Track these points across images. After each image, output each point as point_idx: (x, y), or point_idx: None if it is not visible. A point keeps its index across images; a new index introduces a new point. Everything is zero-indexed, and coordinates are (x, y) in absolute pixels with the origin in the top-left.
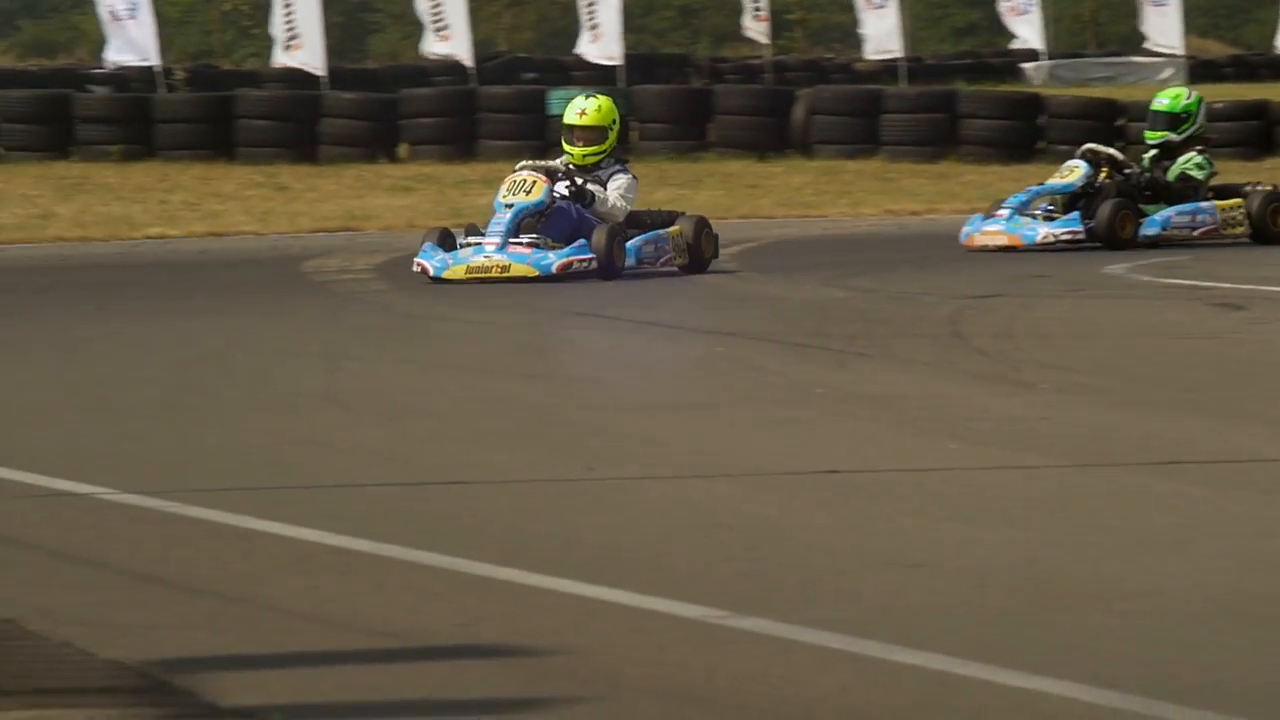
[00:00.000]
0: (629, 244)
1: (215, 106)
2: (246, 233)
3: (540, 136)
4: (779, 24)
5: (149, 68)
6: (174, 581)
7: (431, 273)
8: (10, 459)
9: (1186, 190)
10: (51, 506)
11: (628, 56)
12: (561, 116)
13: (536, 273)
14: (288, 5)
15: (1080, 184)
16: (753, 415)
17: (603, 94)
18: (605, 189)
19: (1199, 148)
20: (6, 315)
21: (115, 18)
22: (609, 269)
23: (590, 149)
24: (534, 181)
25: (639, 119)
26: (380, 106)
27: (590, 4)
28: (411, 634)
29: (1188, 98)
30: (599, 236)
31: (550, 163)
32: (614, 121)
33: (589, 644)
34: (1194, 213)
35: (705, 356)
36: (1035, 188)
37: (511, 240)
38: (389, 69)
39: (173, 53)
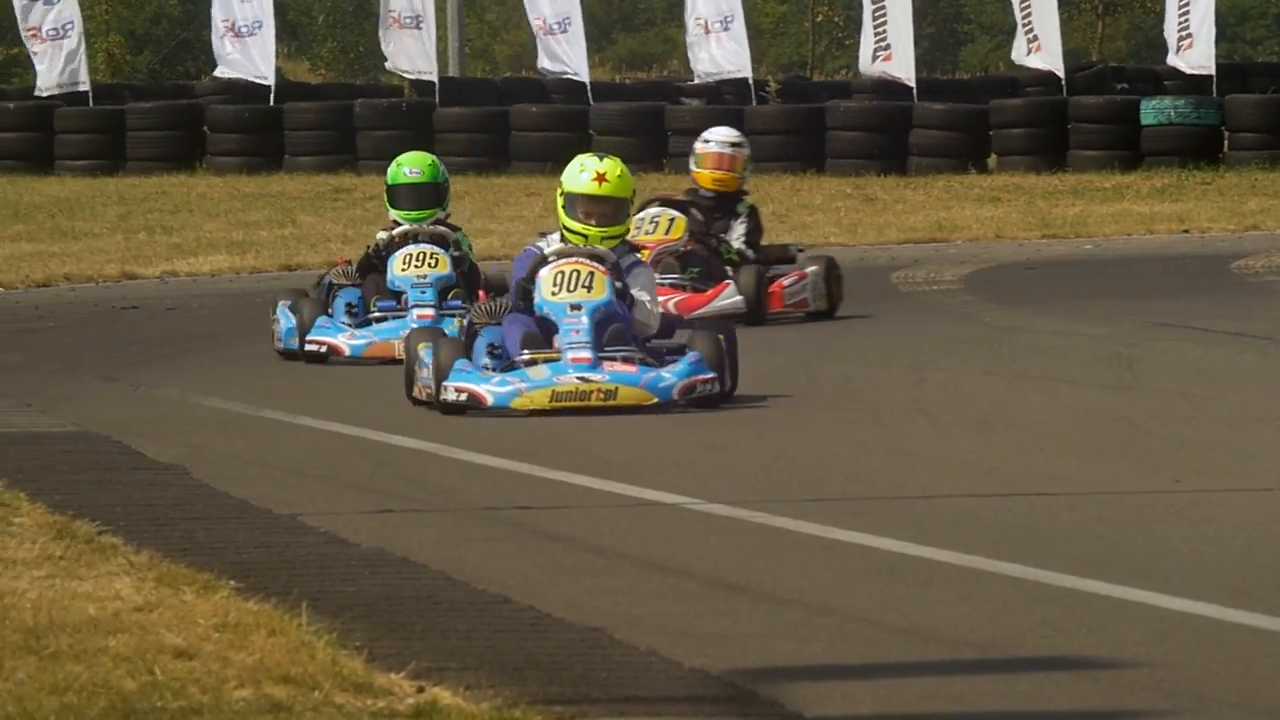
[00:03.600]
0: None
1: (806, 118)
2: (834, 244)
3: (1132, 147)
4: None
5: (742, 79)
6: (758, 591)
7: (490, 401)
8: (601, 469)
9: None
10: (639, 516)
11: (1220, 66)
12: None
13: (654, 399)
14: (879, 16)
15: None
16: None
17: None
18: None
19: None
20: None
21: (706, 30)
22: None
23: (610, 229)
24: (591, 273)
25: (1229, 128)
26: (970, 117)
27: (1183, 13)
28: (994, 645)
29: None
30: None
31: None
32: (633, 193)
33: (1174, 657)
34: None
35: None
36: None
37: (604, 354)
38: (979, 79)
39: (765, 64)
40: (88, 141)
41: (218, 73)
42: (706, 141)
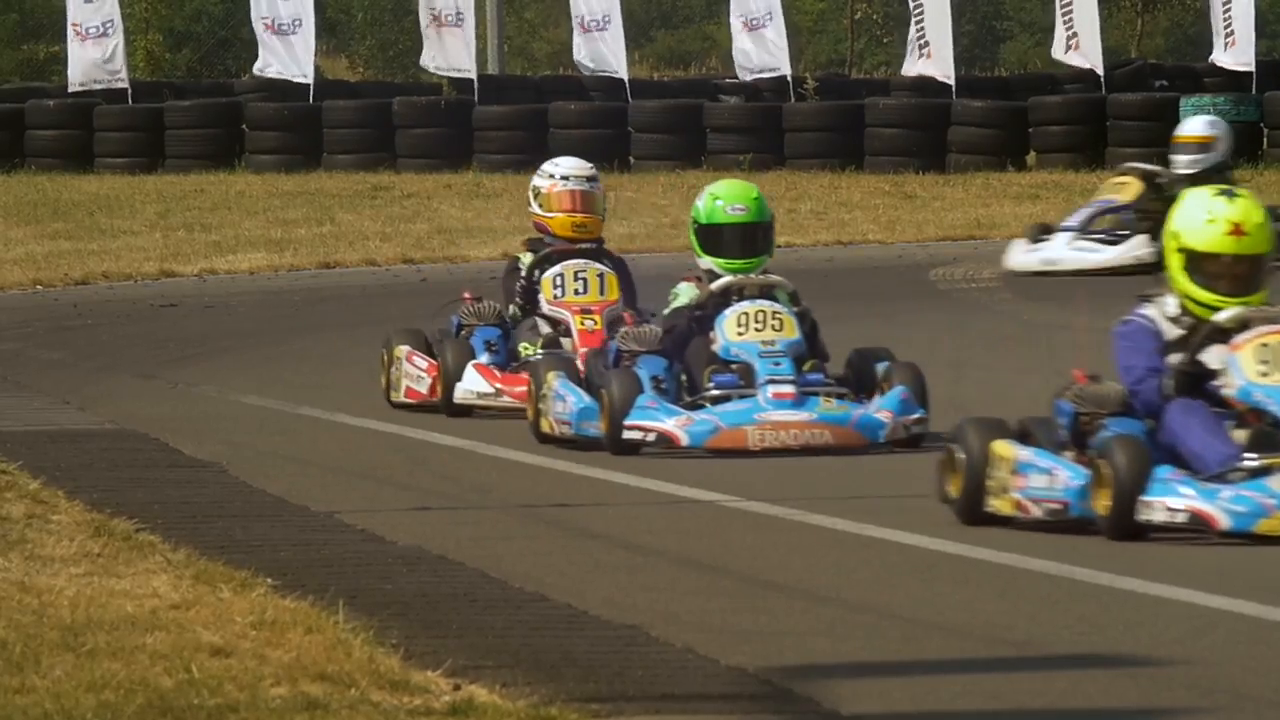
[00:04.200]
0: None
1: (845, 115)
2: (872, 241)
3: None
4: None
5: (781, 77)
6: (795, 589)
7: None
8: (636, 466)
9: None
10: (675, 514)
11: (1259, 63)
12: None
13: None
14: (919, 13)
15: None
16: None
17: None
18: None
19: None
20: None
21: (748, 26)
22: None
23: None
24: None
25: (1268, 125)
26: (1009, 114)
27: (1226, 9)
28: (1031, 642)
29: None
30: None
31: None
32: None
33: (1211, 654)
34: None
35: None
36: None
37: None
38: (1018, 76)
39: (804, 61)
40: (127, 139)
41: (257, 70)
42: (557, 178)
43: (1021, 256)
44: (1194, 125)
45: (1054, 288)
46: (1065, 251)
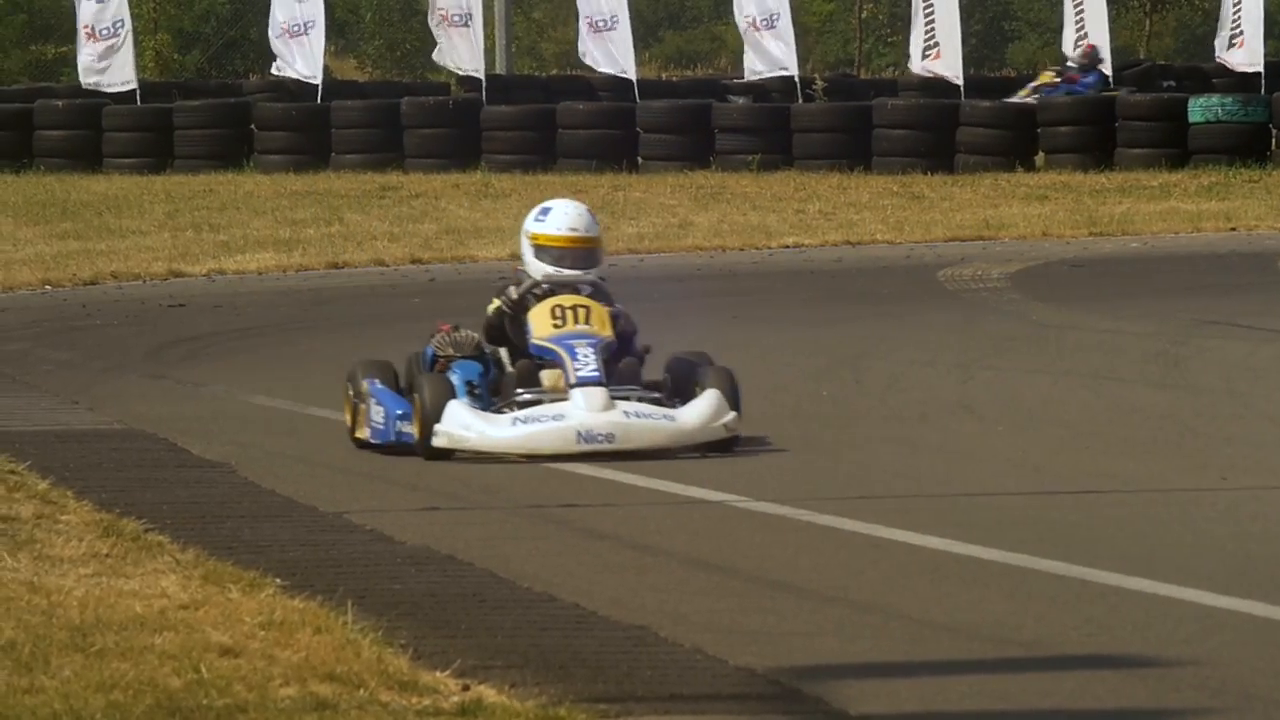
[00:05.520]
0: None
1: (853, 116)
2: (881, 242)
3: (1180, 145)
4: None
5: (789, 77)
6: (803, 589)
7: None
8: (644, 466)
9: None
10: (683, 514)
11: (1267, 63)
12: None
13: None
14: (928, 14)
15: None
16: None
17: None
18: None
19: None
20: (646, 322)
21: (755, 28)
22: None
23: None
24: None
25: (1277, 126)
26: (1017, 115)
27: (1235, 10)
28: (1039, 643)
29: None
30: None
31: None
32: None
33: (1219, 655)
34: None
35: None
36: None
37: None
38: (1026, 77)
39: (812, 62)
40: (135, 140)
41: (275, 70)
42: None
43: None
44: None
45: (1062, 287)
46: None
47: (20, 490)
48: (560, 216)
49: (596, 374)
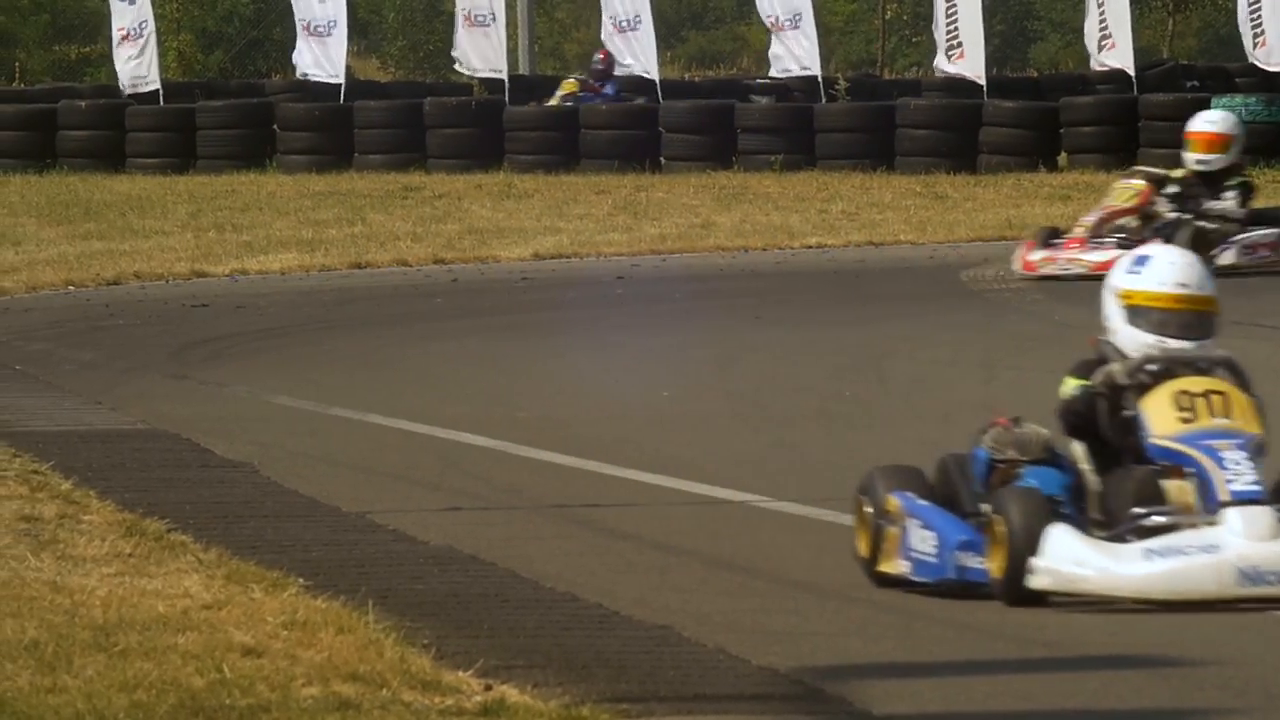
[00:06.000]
0: None
1: (875, 116)
2: (904, 242)
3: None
4: None
5: (811, 77)
6: (826, 589)
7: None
8: (668, 466)
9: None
10: (706, 514)
11: None
12: None
13: None
14: (951, 14)
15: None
16: None
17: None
18: None
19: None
20: (669, 323)
21: (778, 27)
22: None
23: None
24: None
25: None
26: (1040, 115)
27: (1254, 9)
28: (1063, 643)
29: None
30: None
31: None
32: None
33: (1243, 655)
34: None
35: None
36: None
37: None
38: (1049, 77)
39: (835, 62)
40: (158, 140)
41: (300, 72)
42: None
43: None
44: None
45: (1085, 289)
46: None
47: (43, 490)
48: (1165, 269)
49: (1258, 489)
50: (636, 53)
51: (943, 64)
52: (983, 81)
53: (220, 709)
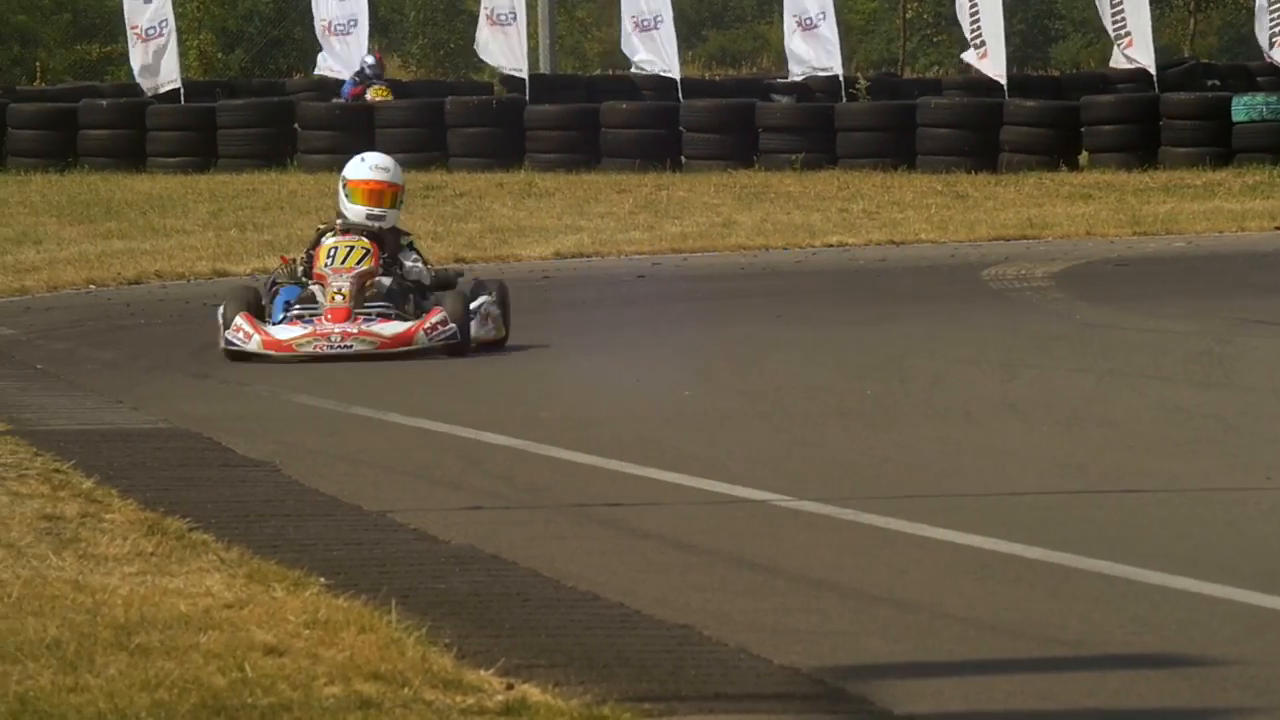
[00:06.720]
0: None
1: (896, 115)
2: (925, 241)
3: (1224, 144)
4: None
5: (833, 76)
6: (848, 588)
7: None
8: (689, 465)
9: None
10: (727, 513)
11: None
12: None
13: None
14: (974, 14)
15: None
16: None
17: None
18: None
19: None
20: (690, 322)
21: (802, 26)
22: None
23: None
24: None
25: None
26: (1061, 114)
27: (1273, 8)
28: (1084, 642)
29: None
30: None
31: None
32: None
33: (1264, 655)
34: None
35: None
36: None
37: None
38: (1070, 76)
39: (856, 61)
40: (179, 139)
41: (319, 69)
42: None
43: None
44: None
45: (1106, 287)
46: None
47: (65, 489)
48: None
49: None
50: (658, 51)
51: (970, 57)
52: (1004, 80)
53: (242, 708)
